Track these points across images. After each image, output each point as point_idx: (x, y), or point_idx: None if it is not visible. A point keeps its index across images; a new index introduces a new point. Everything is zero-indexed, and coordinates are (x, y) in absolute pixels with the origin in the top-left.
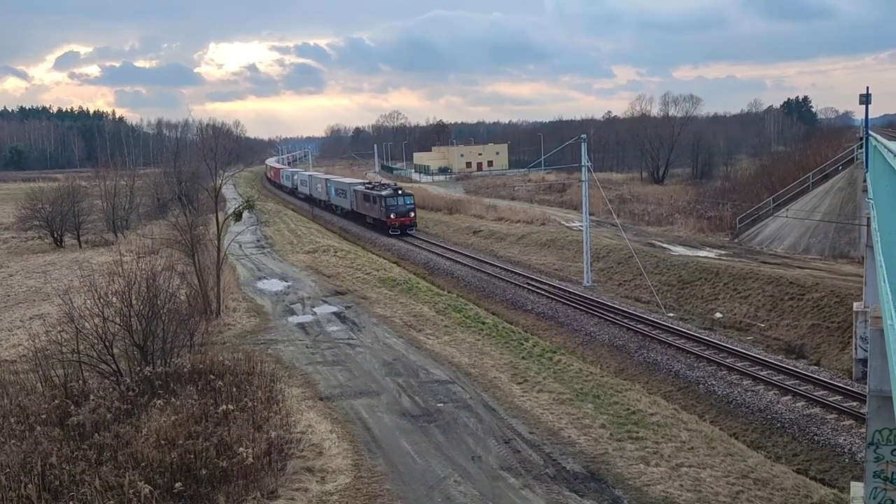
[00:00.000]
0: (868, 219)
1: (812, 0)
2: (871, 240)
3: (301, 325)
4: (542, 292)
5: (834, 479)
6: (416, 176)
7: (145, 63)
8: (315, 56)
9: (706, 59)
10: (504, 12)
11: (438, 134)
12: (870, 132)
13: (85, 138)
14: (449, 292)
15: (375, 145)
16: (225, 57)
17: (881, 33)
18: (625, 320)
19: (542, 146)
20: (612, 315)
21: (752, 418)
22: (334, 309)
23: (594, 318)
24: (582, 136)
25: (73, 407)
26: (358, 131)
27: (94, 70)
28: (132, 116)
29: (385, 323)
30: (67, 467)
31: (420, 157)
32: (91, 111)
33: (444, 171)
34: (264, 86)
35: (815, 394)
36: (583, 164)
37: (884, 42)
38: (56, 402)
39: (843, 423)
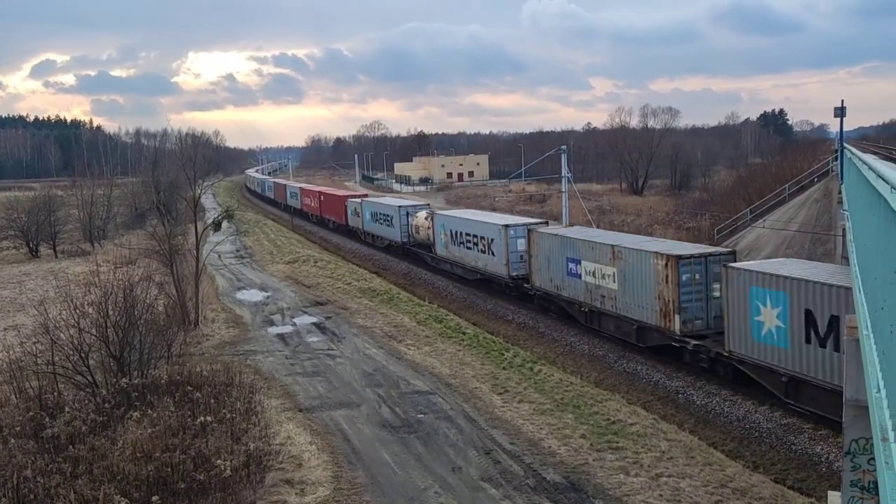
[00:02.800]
0: (844, 230)
1: (783, 16)
2: (847, 250)
3: (280, 336)
4: (523, 302)
5: (811, 487)
6: (397, 186)
7: (122, 72)
8: (293, 66)
9: (682, 72)
10: (481, 24)
11: (419, 144)
12: (845, 145)
13: (62, 147)
14: (430, 303)
15: (356, 155)
16: (202, 66)
17: (854, 48)
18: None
19: (522, 157)
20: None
21: (731, 428)
22: (314, 319)
23: (574, 328)
24: (562, 147)
25: (47, 419)
26: (338, 141)
27: (69, 79)
28: (110, 125)
29: (365, 333)
30: (42, 480)
31: (401, 168)
32: (68, 120)
33: (425, 181)
34: (242, 95)
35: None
36: (563, 174)
37: (857, 56)
38: (30, 414)
39: (820, 432)
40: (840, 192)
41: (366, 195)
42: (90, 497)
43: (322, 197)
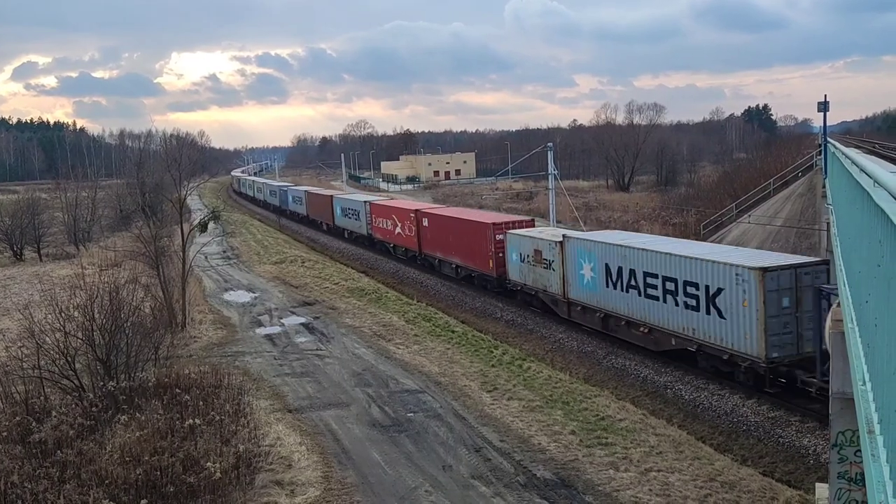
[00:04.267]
0: (828, 224)
1: (763, 12)
2: (832, 244)
3: (269, 337)
4: (511, 299)
5: (799, 480)
6: (383, 185)
7: (105, 73)
8: (277, 66)
9: (665, 69)
10: (464, 22)
11: (406, 143)
12: (828, 139)
13: (45, 150)
14: (418, 301)
15: (342, 155)
16: (185, 67)
17: (835, 43)
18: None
19: (509, 155)
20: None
21: (719, 422)
22: (302, 320)
23: (563, 324)
24: (548, 144)
25: (34, 424)
26: (325, 141)
27: (51, 81)
28: (93, 127)
29: (354, 333)
30: (30, 485)
31: (387, 167)
32: (51, 122)
33: (411, 180)
34: (226, 96)
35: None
36: (549, 172)
37: (838, 51)
38: (17, 419)
39: (807, 425)
40: (824, 187)
41: (523, 223)
42: (78, 502)
43: (426, 221)
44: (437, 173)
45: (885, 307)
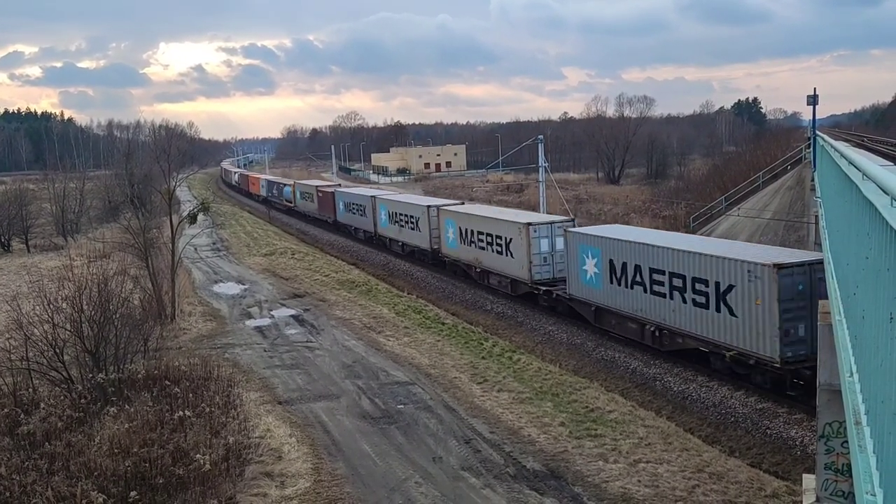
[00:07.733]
0: (816, 217)
1: (747, 5)
2: (820, 237)
3: (258, 329)
4: (501, 292)
5: (786, 471)
6: (374, 177)
7: (91, 63)
8: (263, 57)
9: (653, 62)
10: (451, 15)
11: (396, 135)
12: (817, 132)
13: (32, 140)
14: (408, 294)
15: (332, 146)
16: (171, 58)
17: (823, 37)
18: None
19: (499, 147)
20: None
21: (707, 413)
22: (292, 312)
23: (553, 317)
24: (538, 137)
25: (22, 416)
26: (315, 132)
27: (35, 71)
28: (81, 118)
29: (344, 325)
30: (18, 477)
31: (378, 159)
32: (38, 113)
33: (402, 172)
34: (213, 87)
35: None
36: (540, 164)
37: (826, 45)
38: (5, 411)
39: (795, 416)
40: (813, 180)
41: None
42: (67, 494)
43: None
44: (427, 165)
45: (872, 299)
